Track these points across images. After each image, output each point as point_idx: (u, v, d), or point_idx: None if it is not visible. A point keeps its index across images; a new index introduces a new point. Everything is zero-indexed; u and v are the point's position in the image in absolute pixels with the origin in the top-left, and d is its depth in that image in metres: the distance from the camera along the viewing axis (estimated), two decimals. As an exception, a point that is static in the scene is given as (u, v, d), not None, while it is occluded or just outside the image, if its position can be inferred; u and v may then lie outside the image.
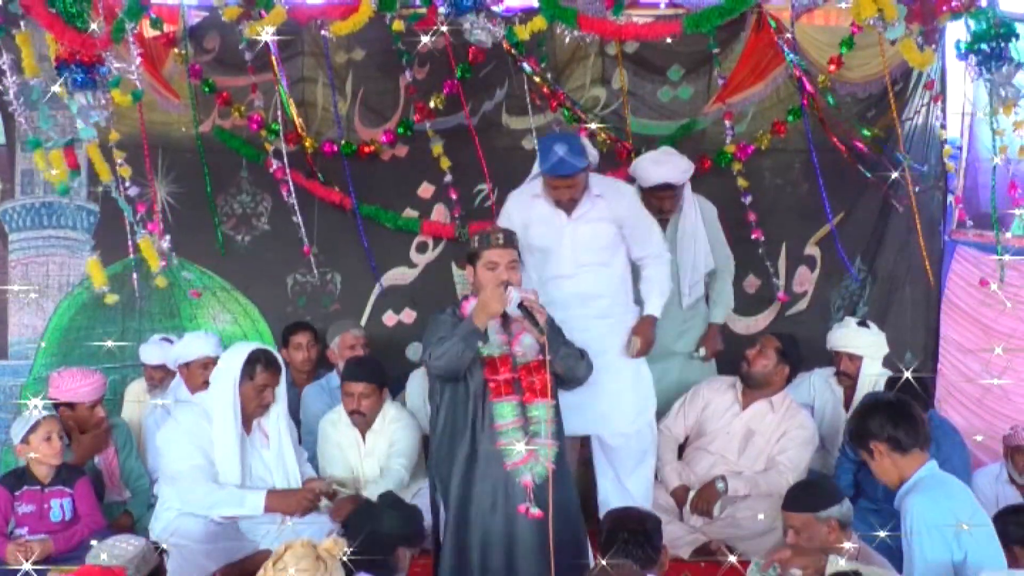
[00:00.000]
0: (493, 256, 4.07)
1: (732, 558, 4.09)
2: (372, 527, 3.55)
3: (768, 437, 4.82)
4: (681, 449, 5.18)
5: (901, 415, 3.11)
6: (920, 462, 3.09)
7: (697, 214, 5.49)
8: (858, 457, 4.27)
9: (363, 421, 4.96)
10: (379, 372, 5.08)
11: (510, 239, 4.12)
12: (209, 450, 4.52)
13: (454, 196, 6.19)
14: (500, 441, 4.00)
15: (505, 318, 4.05)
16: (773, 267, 6.24)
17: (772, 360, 4.90)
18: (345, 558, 3.04)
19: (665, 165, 5.31)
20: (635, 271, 4.92)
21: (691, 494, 4.76)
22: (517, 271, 4.10)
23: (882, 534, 3.80)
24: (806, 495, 3.92)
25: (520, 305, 3.98)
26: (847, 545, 3.77)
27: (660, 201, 5.33)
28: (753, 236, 6.13)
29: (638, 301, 4.87)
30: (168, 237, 5.73)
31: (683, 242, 5.40)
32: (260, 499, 4.47)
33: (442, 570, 4.11)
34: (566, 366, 4.04)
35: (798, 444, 4.84)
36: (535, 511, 3.92)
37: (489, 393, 4.04)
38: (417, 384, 5.51)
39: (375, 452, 5.03)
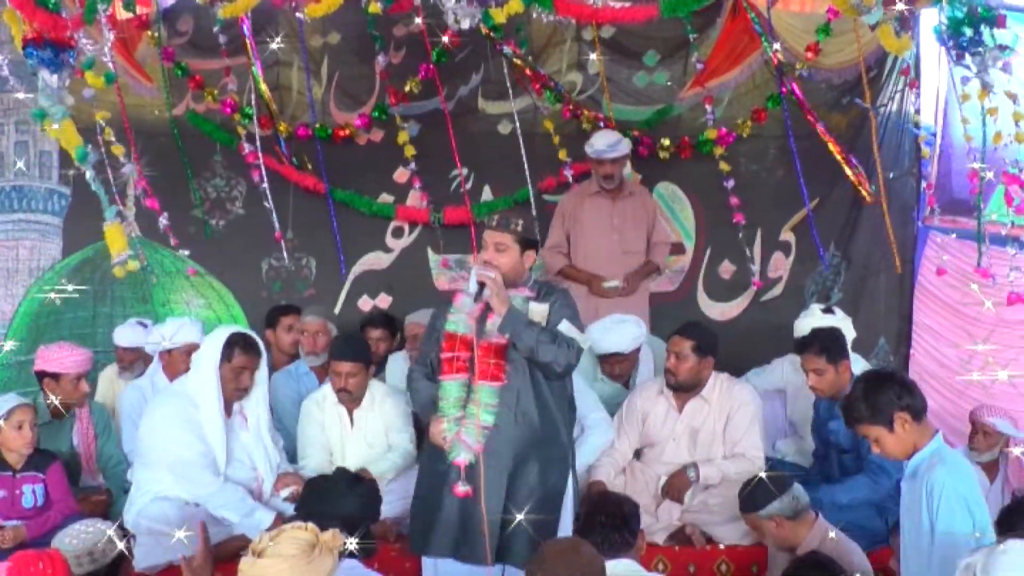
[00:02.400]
0: (485, 236, 4.09)
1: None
2: (332, 510, 3.56)
3: (713, 427, 4.79)
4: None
5: (906, 383, 3.12)
6: (931, 429, 3.09)
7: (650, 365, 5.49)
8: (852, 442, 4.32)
9: (350, 399, 4.95)
10: (365, 350, 5.07)
11: (505, 222, 4.07)
12: (203, 435, 4.49)
13: (420, 184, 6.22)
14: (439, 418, 4.02)
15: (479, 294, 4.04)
16: (750, 253, 6.26)
17: (692, 359, 4.78)
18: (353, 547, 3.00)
19: (614, 334, 5.23)
20: None
21: (662, 480, 4.75)
22: (507, 253, 4.06)
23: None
24: (746, 496, 4.04)
25: (480, 285, 3.98)
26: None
27: (611, 367, 5.33)
28: (735, 220, 6.16)
29: None
30: (136, 223, 5.70)
31: None
32: (269, 519, 4.37)
33: (412, 544, 4.17)
34: (525, 347, 4.00)
35: (747, 423, 4.81)
36: (462, 489, 3.92)
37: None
38: (398, 366, 5.50)
39: (363, 430, 4.99)
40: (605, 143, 5.69)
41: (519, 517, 3.95)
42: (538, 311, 4.07)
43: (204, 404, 4.44)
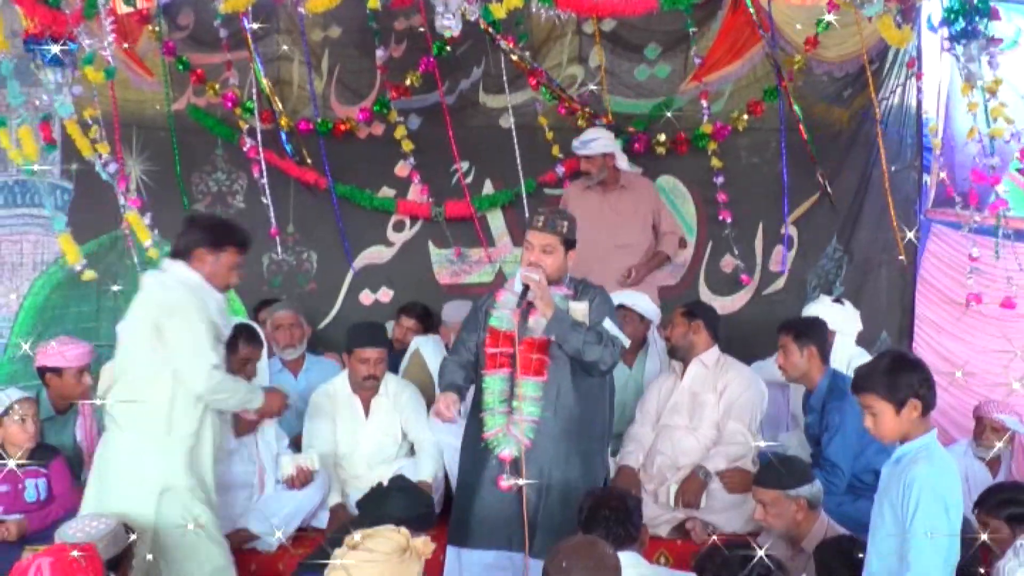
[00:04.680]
0: (530, 237, 4.09)
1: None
2: (382, 510, 3.58)
3: (709, 393, 4.89)
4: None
5: (930, 377, 3.11)
6: (928, 426, 3.09)
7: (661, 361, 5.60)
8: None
9: (375, 386, 4.95)
10: (386, 336, 5.13)
11: (551, 224, 4.07)
12: None
13: (419, 178, 6.24)
14: (482, 412, 4.08)
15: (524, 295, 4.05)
16: (739, 249, 6.27)
17: (683, 324, 4.96)
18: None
19: None
20: None
21: (673, 489, 4.76)
22: (553, 255, 4.07)
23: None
24: (778, 472, 3.97)
25: (524, 286, 3.99)
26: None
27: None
28: (720, 217, 6.16)
29: None
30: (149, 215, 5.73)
31: None
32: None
33: (450, 537, 4.20)
34: (572, 348, 4.03)
35: (741, 395, 4.88)
36: (506, 483, 3.99)
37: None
38: (431, 350, 5.49)
39: (378, 420, 5.02)
40: (579, 139, 5.78)
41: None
42: (579, 310, 4.11)
43: None
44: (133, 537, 3.67)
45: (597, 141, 5.74)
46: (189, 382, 3.91)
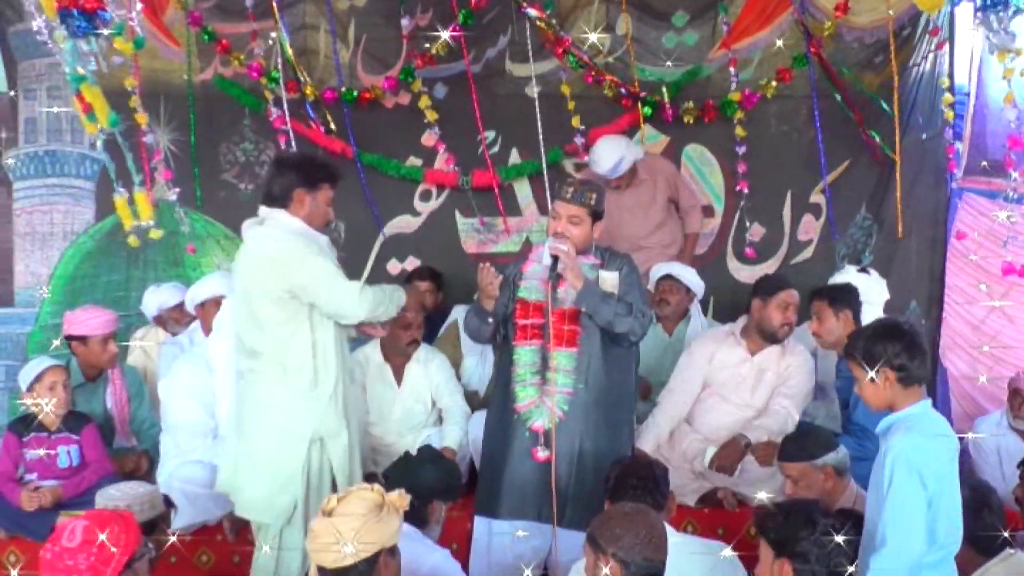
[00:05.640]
0: (557, 206, 4.07)
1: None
2: (410, 479, 3.59)
3: (777, 371, 4.85)
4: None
5: (916, 346, 3.08)
6: (917, 397, 3.06)
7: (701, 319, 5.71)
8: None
9: (413, 346, 4.97)
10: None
11: (580, 195, 4.04)
12: (210, 402, 4.56)
13: (445, 147, 6.21)
14: (513, 384, 4.08)
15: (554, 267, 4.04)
16: (764, 219, 6.26)
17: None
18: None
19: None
20: None
21: (709, 451, 4.75)
22: (580, 226, 4.05)
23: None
24: (800, 444, 3.97)
25: (553, 258, 3.98)
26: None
27: (663, 295, 5.60)
28: (737, 188, 6.13)
29: None
30: (178, 190, 5.78)
31: None
32: None
33: (478, 507, 4.25)
34: (603, 320, 4.02)
35: (800, 375, 4.85)
36: (542, 455, 3.99)
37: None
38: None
39: (411, 387, 5.04)
40: (605, 167, 5.61)
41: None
42: (609, 280, 4.11)
43: (222, 367, 4.50)
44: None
45: (624, 160, 5.61)
46: (347, 314, 3.90)
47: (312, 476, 3.93)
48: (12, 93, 6.28)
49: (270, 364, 3.89)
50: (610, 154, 5.61)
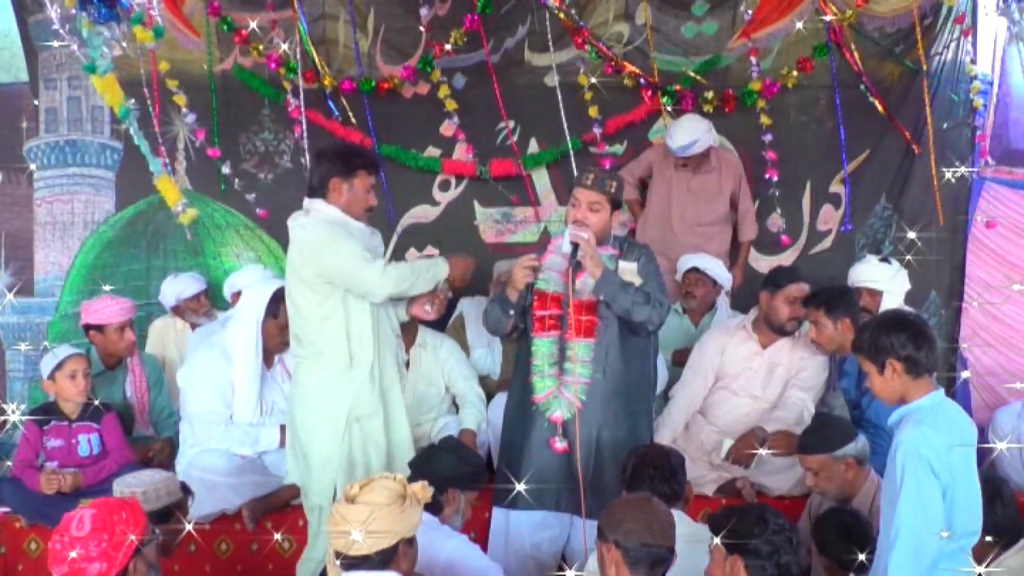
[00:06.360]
0: (577, 193, 4.07)
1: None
2: (427, 467, 3.63)
3: (789, 365, 4.83)
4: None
5: (923, 336, 3.06)
6: (927, 389, 3.05)
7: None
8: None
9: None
10: None
11: (601, 183, 4.04)
12: (227, 392, 4.58)
13: (464, 137, 6.21)
14: (532, 375, 4.08)
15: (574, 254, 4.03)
16: (786, 208, 6.21)
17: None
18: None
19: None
20: None
21: (726, 443, 4.74)
22: (599, 213, 4.04)
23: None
24: (820, 436, 3.95)
25: (573, 245, 3.98)
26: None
27: (690, 287, 5.62)
28: (766, 175, 6.09)
29: None
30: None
31: None
32: (275, 434, 4.59)
33: (495, 494, 4.24)
34: (621, 309, 4.01)
35: (813, 368, 4.82)
36: (560, 445, 4.01)
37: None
38: (475, 309, 5.50)
39: (419, 370, 5.04)
40: (679, 143, 5.63)
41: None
42: (628, 269, 4.10)
43: (239, 358, 4.54)
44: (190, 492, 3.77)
45: (699, 143, 5.63)
46: (372, 294, 3.97)
47: (355, 456, 4.04)
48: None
49: (308, 348, 4.04)
50: (688, 133, 5.64)
